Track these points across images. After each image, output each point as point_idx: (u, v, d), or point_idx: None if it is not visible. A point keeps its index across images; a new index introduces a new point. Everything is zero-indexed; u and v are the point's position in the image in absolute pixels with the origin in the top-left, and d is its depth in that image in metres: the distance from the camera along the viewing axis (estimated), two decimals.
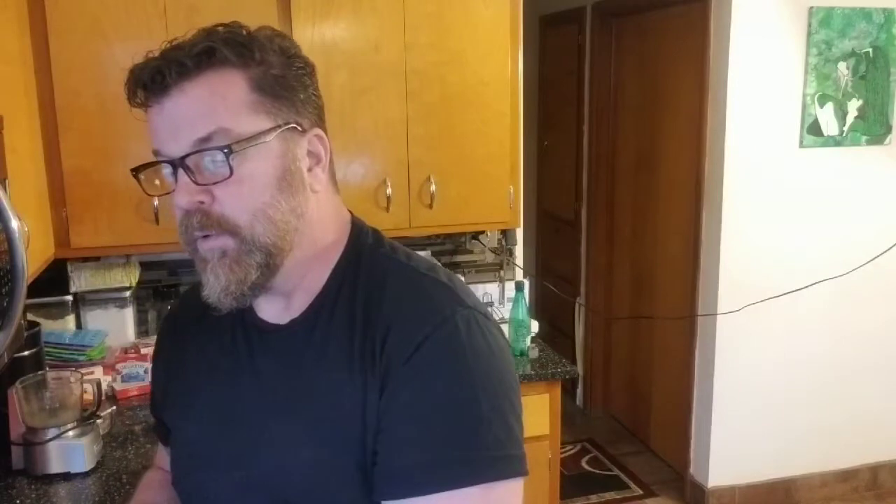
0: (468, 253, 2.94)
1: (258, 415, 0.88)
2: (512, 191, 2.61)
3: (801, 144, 3.19)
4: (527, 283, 2.75)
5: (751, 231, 3.21)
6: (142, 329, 2.56)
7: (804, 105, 3.16)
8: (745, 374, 3.31)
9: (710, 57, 3.18)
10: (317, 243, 0.88)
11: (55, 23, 2.14)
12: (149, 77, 0.80)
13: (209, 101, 0.80)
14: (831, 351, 3.39)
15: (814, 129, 3.18)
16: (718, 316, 3.24)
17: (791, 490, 3.45)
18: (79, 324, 2.47)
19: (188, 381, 0.97)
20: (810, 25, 3.09)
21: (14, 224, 1.24)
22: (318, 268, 0.89)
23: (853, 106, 3.20)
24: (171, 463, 1.01)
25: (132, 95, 0.83)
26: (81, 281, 2.42)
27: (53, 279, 2.36)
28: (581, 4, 4.20)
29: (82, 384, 1.86)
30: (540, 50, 4.70)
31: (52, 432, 1.77)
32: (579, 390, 4.48)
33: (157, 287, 2.57)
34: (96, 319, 2.46)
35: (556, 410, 2.54)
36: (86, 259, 2.42)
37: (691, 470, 3.48)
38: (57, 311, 2.42)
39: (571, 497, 3.46)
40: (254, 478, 0.88)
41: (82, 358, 2.30)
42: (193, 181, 0.81)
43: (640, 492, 3.58)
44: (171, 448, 1.02)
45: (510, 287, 2.83)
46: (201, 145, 0.80)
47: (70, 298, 2.43)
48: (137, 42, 2.21)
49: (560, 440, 2.59)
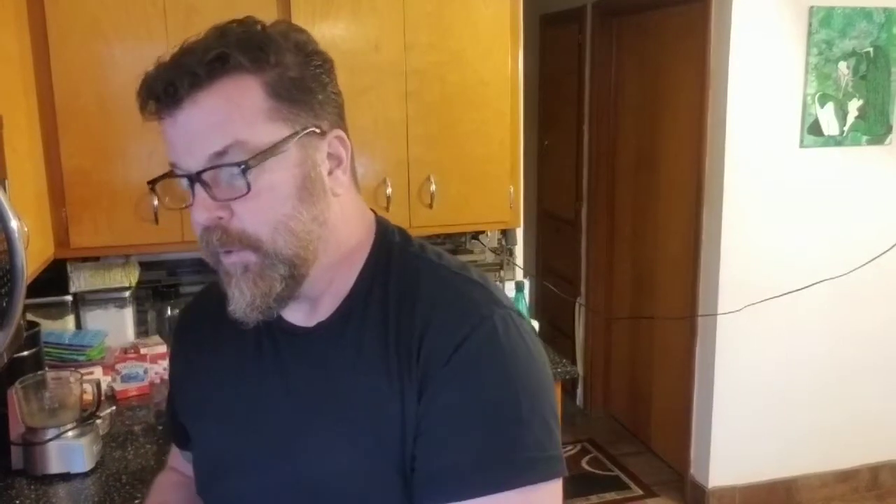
0: (468, 253, 2.94)
1: (289, 420, 0.86)
2: (512, 190, 2.60)
3: (802, 144, 3.19)
4: (527, 283, 2.75)
5: (751, 231, 3.21)
6: (141, 329, 2.56)
7: (805, 105, 3.15)
8: (746, 375, 3.31)
9: (711, 56, 3.17)
10: (342, 247, 0.86)
11: (55, 23, 2.14)
12: (161, 89, 0.77)
13: (224, 112, 0.77)
14: (832, 351, 3.39)
15: (814, 129, 3.18)
16: (719, 316, 3.24)
17: (791, 490, 3.44)
18: (78, 324, 2.47)
19: (210, 383, 0.94)
20: (811, 25, 3.09)
21: (13, 224, 1.24)
22: (345, 271, 0.87)
23: (854, 106, 3.20)
24: (195, 468, 0.99)
25: (144, 107, 0.80)
26: (81, 281, 2.41)
27: (53, 279, 2.36)
28: (581, 4, 4.20)
29: (82, 384, 1.86)
30: (540, 49, 4.70)
31: (52, 432, 1.77)
32: (579, 390, 4.48)
33: (157, 287, 2.57)
34: (96, 319, 2.46)
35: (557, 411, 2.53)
36: (85, 259, 2.41)
37: (692, 470, 3.47)
38: (56, 312, 2.42)
39: (572, 497, 3.46)
40: (289, 485, 0.86)
41: (82, 358, 2.30)
42: (211, 196, 0.78)
43: (641, 492, 3.58)
44: (194, 451, 0.99)
45: (510, 287, 2.82)
46: (217, 160, 0.77)
47: (69, 298, 2.43)
48: (137, 42, 2.22)
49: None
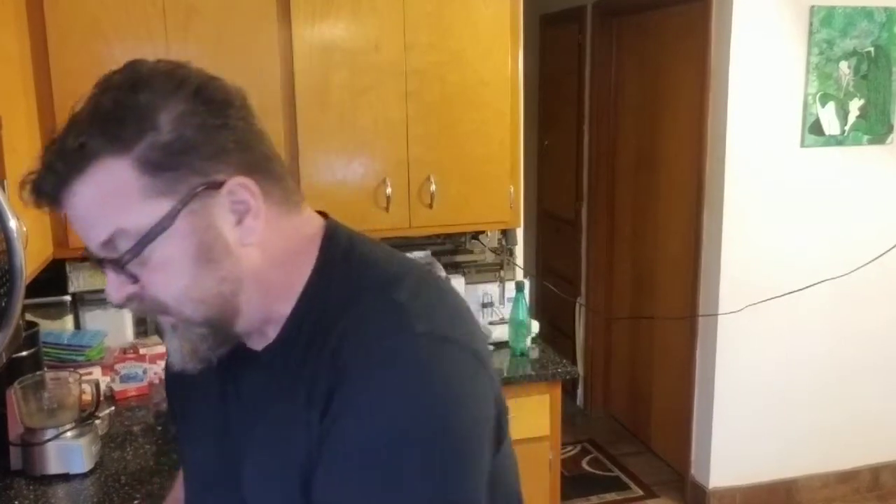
0: (468, 253, 2.93)
1: (242, 442, 0.86)
2: (512, 190, 2.60)
3: (803, 144, 3.19)
4: (527, 283, 2.74)
5: (752, 231, 3.21)
6: (140, 329, 2.55)
7: (805, 104, 3.15)
8: (746, 375, 3.30)
9: (711, 56, 3.17)
10: (273, 286, 0.81)
11: (54, 23, 2.13)
12: (35, 192, 0.75)
13: (98, 203, 0.73)
14: (832, 351, 3.38)
15: (815, 129, 3.18)
16: (719, 316, 3.23)
17: (792, 491, 3.44)
18: (77, 324, 2.46)
19: (191, 402, 0.96)
20: (811, 25, 3.09)
21: (12, 224, 1.24)
22: (285, 298, 0.82)
23: (855, 105, 3.19)
24: (184, 482, 1.01)
25: (38, 206, 0.77)
26: (80, 281, 2.41)
27: (52, 279, 2.35)
28: (581, 3, 4.20)
29: (81, 385, 1.86)
30: (540, 49, 4.70)
31: (51, 433, 1.77)
32: (580, 391, 4.48)
33: None
34: (95, 320, 2.46)
35: (557, 411, 2.53)
36: (84, 259, 2.40)
37: (692, 471, 3.47)
38: (55, 312, 2.41)
39: (572, 498, 3.45)
40: (246, 502, 0.86)
41: (81, 358, 2.29)
42: (117, 274, 0.77)
43: (641, 493, 3.58)
44: (181, 466, 1.02)
45: (510, 287, 2.82)
46: (105, 251, 0.75)
47: (68, 299, 2.42)
48: (137, 42, 2.21)
49: (560, 441, 2.59)
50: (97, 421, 1.89)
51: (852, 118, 3.20)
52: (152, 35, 2.21)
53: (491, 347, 2.70)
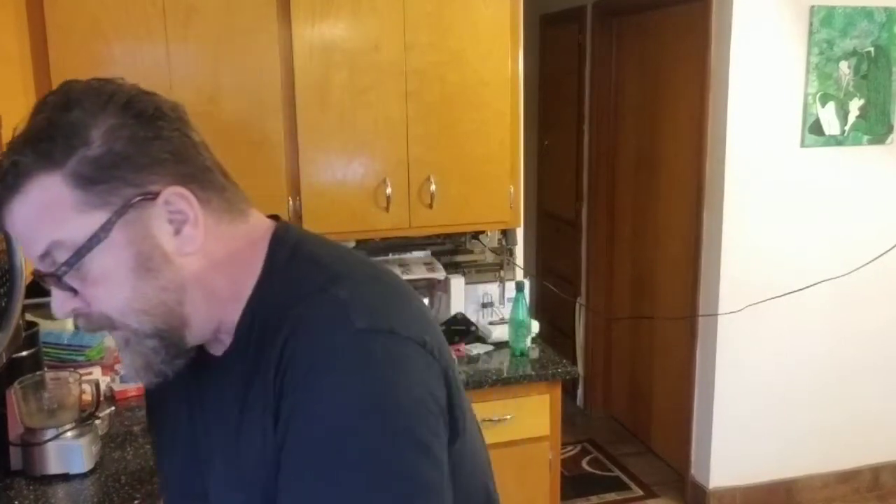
0: (468, 253, 2.93)
1: (207, 450, 0.87)
2: (512, 190, 2.60)
3: (803, 144, 3.19)
4: (527, 283, 2.75)
5: (752, 231, 3.21)
6: None
7: (805, 104, 3.15)
8: (746, 375, 3.30)
9: (711, 56, 3.17)
10: (220, 292, 0.82)
11: (54, 23, 2.14)
12: None
13: (33, 218, 0.75)
14: (832, 351, 3.38)
15: (815, 129, 3.18)
16: (719, 316, 3.23)
17: (792, 491, 3.44)
18: (77, 324, 2.46)
19: (164, 412, 0.96)
20: (811, 25, 3.09)
21: None
22: (235, 304, 0.83)
23: (855, 105, 3.19)
24: (162, 492, 1.02)
25: None
26: None
27: None
28: (581, 3, 4.20)
29: (81, 384, 1.86)
30: (540, 49, 4.70)
31: (51, 433, 1.77)
32: (580, 391, 4.48)
33: None
34: None
35: (557, 411, 2.53)
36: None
37: (692, 471, 3.47)
38: None
39: (572, 498, 3.45)
40: None
41: (81, 358, 2.29)
42: (62, 289, 0.77)
43: (641, 493, 3.58)
44: (159, 476, 1.03)
45: (510, 287, 2.82)
46: (45, 264, 0.76)
47: None
48: (137, 42, 2.21)
49: (560, 441, 2.59)
50: (97, 421, 1.89)
51: (852, 118, 3.20)
52: (152, 35, 2.22)
53: (491, 347, 2.70)
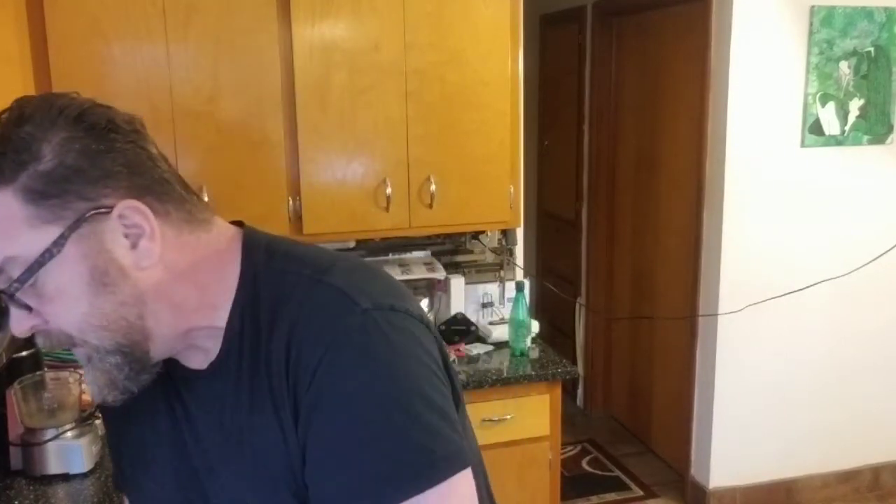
0: (468, 253, 2.93)
1: (206, 462, 0.86)
2: (512, 190, 2.60)
3: (803, 144, 3.19)
4: (527, 283, 2.75)
5: (752, 231, 3.21)
6: None
7: (806, 104, 3.15)
8: (746, 375, 3.30)
9: (711, 56, 3.17)
10: (186, 303, 0.81)
11: (54, 23, 2.14)
12: None
13: None
14: (833, 351, 3.38)
15: (815, 129, 3.18)
16: (719, 316, 3.23)
17: (792, 491, 3.44)
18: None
19: (136, 430, 0.93)
20: (812, 24, 3.09)
21: None
22: (211, 314, 0.82)
23: (855, 105, 3.19)
24: None
25: None
26: None
27: None
28: (581, 3, 4.20)
29: (81, 385, 1.86)
30: (540, 49, 4.70)
31: (51, 433, 1.77)
32: (580, 391, 4.48)
33: None
34: None
35: (557, 411, 2.53)
36: None
37: (692, 471, 3.47)
38: None
39: (572, 498, 3.45)
40: None
41: None
42: (17, 306, 0.76)
43: (641, 493, 3.58)
44: (129, 495, 1.00)
45: (510, 287, 2.82)
46: (0, 281, 0.75)
47: None
48: (137, 42, 2.21)
49: (560, 441, 2.59)
50: (97, 421, 1.89)
51: (852, 118, 3.20)
52: (152, 35, 2.22)
53: (491, 347, 2.70)
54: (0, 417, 1.81)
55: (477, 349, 2.67)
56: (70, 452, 1.78)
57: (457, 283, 2.82)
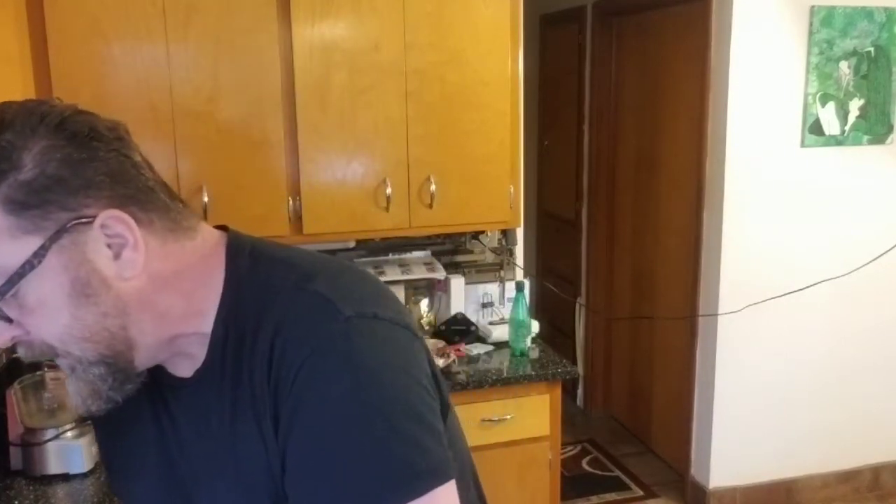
0: (468, 253, 2.93)
1: (191, 471, 0.86)
2: (512, 190, 2.60)
3: (803, 144, 3.19)
4: (527, 283, 2.75)
5: (752, 231, 3.21)
6: None
7: (806, 104, 3.15)
8: (747, 375, 3.30)
9: (711, 56, 3.17)
10: (170, 312, 0.80)
11: (54, 23, 2.14)
12: None
13: None
14: (833, 351, 3.38)
15: (815, 129, 3.18)
16: (719, 316, 3.23)
17: (792, 491, 3.44)
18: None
19: (124, 438, 0.93)
20: (811, 24, 3.09)
21: None
22: (198, 321, 0.82)
23: (855, 105, 3.19)
24: None
25: None
26: None
27: None
28: (581, 3, 4.20)
29: None
30: (540, 49, 4.70)
31: (51, 433, 1.77)
32: (580, 391, 4.48)
33: None
34: None
35: (557, 411, 2.53)
36: None
37: (692, 471, 3.47)
38: None
39: (572, 498, 3.45)
40: None
41: None
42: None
43: (641, 493, 3.58)
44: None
45: (510, 287, 2.82)
46: None
47: None
48: (137, 42, 2.21)
49: (560, 441, 2.59)
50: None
51: (852, 118, 3.20)
52: (152, 35, 2.22)
53: (491, 347, 2.70)
54: (0, 417, 1.81)
55: (477, 349, 2.67)
56: (70, 452, 1.78)
57: (457, 283, 2.82)
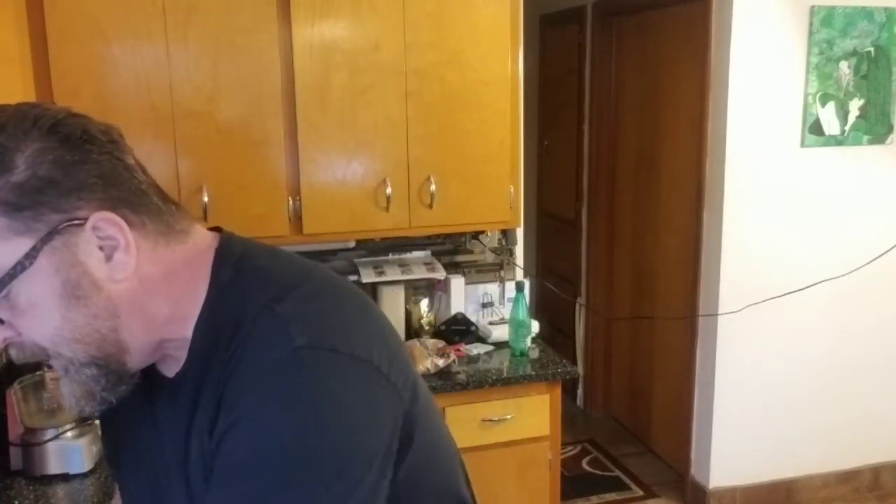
0: (468, 253, 2.93)
1: (165, 474, 0.86)
2: (512, 190, 2.60)
3: (803, 144, 3.19)
4: (527, 283, 2.75)
5: (752, 231, 3.21)
6: None
7: (806, 104, 3.15)
8: (747, 375, 3.30)
9: (712, 56, 3.17)
10: (159, 316, 0.80)
11: (54, 23, 2.14)
12: None
13: None
14: (833, 351, 3.38)
15: (815, 129, 3.18)
16: (719, 316, 3.23)
17: (792, 491, 3.44)
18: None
19: (122, 432, 0.94)
20: (812, 24, 3.09)
21: None
22: (182, 326, 0.82)
23: (855, 105, 3.19)
24: None
25: None
26: None
27: None
28: (581, 3, 4.19)
29: None
30: (540, 49, 4.70)
31: (51, 433, 1.77)
32: (580, 391, 4.48)
33: None
34: None
35: (557, 411, 2.53)
36: None
37: (692, 471, 3.47)
38: None
39: (572, 498, 3.45)
40: None
41: None
42: None
43: (641, 493, 3.58)
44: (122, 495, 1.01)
45: (510, 287, 2.82)
46: None
47: None
48: (137, 42, 2.21)
49: (560, 441, 2.59)
50: (97, 421, 1.89)
51: (852, 118, 3.20)
52: (152, 35, 2.22)
53: (491, 347, 2.70)
54: (0, 417, 1.81)
55: (477, 349, 2.68)
56: (70, 452, 1.78)
57: (457, 283, 2.82)
